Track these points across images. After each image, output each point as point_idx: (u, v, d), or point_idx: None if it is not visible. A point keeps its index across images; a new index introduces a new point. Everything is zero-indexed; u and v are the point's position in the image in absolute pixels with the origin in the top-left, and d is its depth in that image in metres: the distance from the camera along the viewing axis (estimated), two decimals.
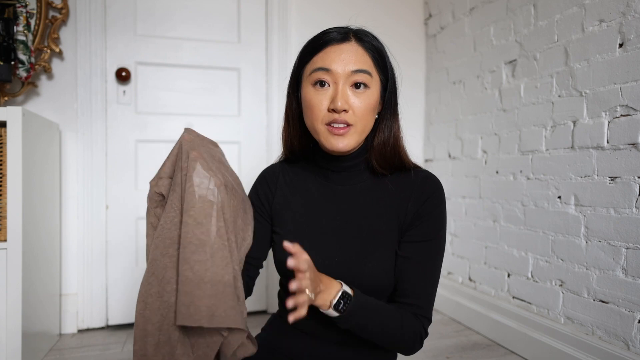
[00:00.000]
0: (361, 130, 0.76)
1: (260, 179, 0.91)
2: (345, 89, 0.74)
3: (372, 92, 0.76)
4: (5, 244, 1.30)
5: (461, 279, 1.93)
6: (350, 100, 0.74)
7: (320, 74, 0.75)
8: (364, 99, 0.75)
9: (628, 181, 1.18)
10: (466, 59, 1.91)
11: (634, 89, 1.17)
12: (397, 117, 0.82)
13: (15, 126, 1.30)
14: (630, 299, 1.17)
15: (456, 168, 1.97)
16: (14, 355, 1.30)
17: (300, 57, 0.81)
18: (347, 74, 0.74)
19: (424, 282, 0.77)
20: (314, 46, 0.78)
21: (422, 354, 1.51)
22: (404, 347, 0.77)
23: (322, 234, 0.80)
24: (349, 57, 0.74)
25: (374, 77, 0.77)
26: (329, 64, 0.74)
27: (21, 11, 1.51)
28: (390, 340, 0.74)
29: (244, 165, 1.97)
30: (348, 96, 0.74)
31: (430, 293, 0.78)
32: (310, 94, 0.76)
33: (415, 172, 0.82)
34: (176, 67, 1.88)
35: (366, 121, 0.76)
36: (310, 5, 2.03)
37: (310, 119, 0.77)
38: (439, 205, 0.79)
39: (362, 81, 0.74)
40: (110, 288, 1.80)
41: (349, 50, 0.75)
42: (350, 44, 0.76)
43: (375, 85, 0.77)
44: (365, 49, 0.76)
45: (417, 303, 0.76)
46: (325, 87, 0.75)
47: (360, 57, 0.75)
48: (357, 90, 0.75)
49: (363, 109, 0.75)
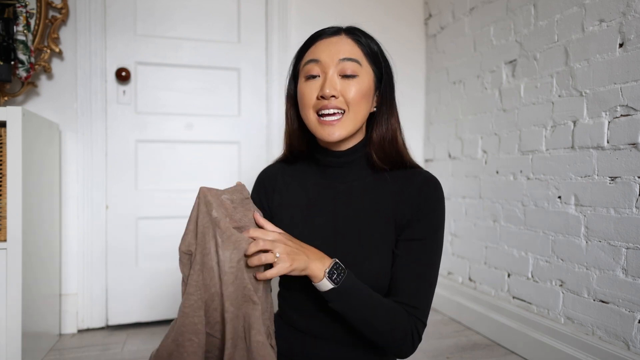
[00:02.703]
0: (354, 118, 0.77)
1: (258, 182, 0.92)
2: (333, 76, 0.76)
3: (362, 80, 0.77)
4: (5, 244, 1.30)
5: (461, 279, 1.93)
6: (339, 86, 0.76)
7: (310, 65, 0.77)
8: (354, 85, 0.76)
9: (628, 181, 1.18)
10: (466, 59, 1.91)
11: (634, 89, 1.17)
12: (394, 111, 0.83)
13: (15, 126, 1.30)
14: (630, 299, 1.17)
15: (456, 168, 1.97)
16: (14, 355, 1.30)
17: (295, 56, 0.84)
18: (335, 63, 0.76)
19: (417, 282, 0.75)
20: (306, 43, 0.81)
21: (422, 354, 1.51)
22: (392, 342, 0.74)
23: (320, 232, 0.81)
24: (337, 47, 0.77)
25: (364, 67, 0.78)
26: (318, 55, 0.77)
27: (21, 11, 1.51)
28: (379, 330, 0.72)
29: (244, 165, 1.97)
30: (336, 83, 0.76)
31: (425, 294, 0.76)
32: (302, 87, 0.79)
33: (416, 172, 0.82)
34: (176, 67, 1.88)
35: (358, 108, 0.77)
36: (310, 5, 2.03)
37: (303, 109, 0.79)
38: (437, 206, 0.78)
39: (351, 69, 0.76)
40: (110, 288, 1.80)
41: (337, 41, 0.77)
42: (339, 37, 0.78)
43: (365, 75, 0.78)
44: (354, 40, 0.79)
45: (411, 302, 0.75)
46: (316, 78, 0.77)
47: (349, 48, 0.77)
48: (346, 78, 0.76)
49: (353, 95, 0.76)
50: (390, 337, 0.73)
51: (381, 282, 0.77)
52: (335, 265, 0.71)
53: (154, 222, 1.85)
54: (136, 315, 1.83)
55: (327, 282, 0.70)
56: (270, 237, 0.70)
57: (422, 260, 0.76)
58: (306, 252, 0.70)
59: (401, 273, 0.76)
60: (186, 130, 1.89)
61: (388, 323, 0.72)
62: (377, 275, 0.76)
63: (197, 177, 1.91)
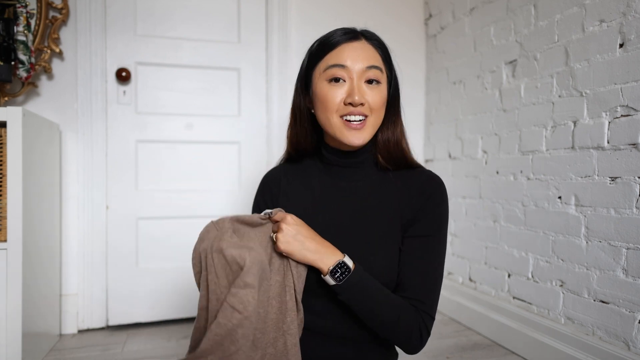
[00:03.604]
0: (375, 124, 0.80)
1: (263, 185, 0.93)
2: (360, 84, 0.78)
3: (383, 87, 0.80)
4: (6, 244, 1.30)
5: (461, 279, 1.93)
6: (366, 94, 0.78)
7: (335, 70, 0.78)
8: (377, 93, 0.79)
9: (628, 181, 1.18)
10: (466, 59, 1.91)
11: (634, 89, 1.17)
12: (399, 114, 0.86)
13: (15, 126, 1.30)
14: (630, 299, 1.17)
15: (456, 168, 1.97)
16: (14, 356, 1.30)
17: (310, 56, 0.84)
18: (362, 70, 0.77)
19: (424, 277, 0.77)
20: (326, 45, 0.81)
21: (423, 354, 1.51)
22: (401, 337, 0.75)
23: (326, 230, 0.82)
24: (362, 54, 0.78)
25: (384, 73, 0.81)
26: (344, 61, 0.78)
27: (21, 11, 1.51)
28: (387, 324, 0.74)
29: (244, 165, 1.97)
30: (364, 91, 0.78)
31: (431, 289, 0.78)
32: (325, 89, 0.79)
33: (419, 171, 0.84)
34: (176, 67, 1.88)
35: (379, 113, 0.80)
36: (310, 5, 2.03)
37: (325, 112, 0.80)
38: (441, 204, 0.80)
39: (375, 77, 0.79)
40: (111, 288, 1.80)
41: (361, 47, 0.79)
42: (361, 42, 0.80)
43: (384, 80, 0.81)
44: (374, 46, 0.81)
45: (418, 297, 0.76)
46: (340, 82, 0.78)
47: (372, 54, 0.79)
48: (370, 85, 0.78)
49: (377, 103, 0.79)
50: (398, 331, 0.75)
51: (387, 277, 0.78)
52: (340, 263, 0.73)
53: (154, 222, 1.85)
54: (136, 316, 1.83)
55: (329, 279, 0.74)
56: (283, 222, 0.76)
57: (427, 256, 0.78)
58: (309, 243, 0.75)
59: (407, 269, 0.78)
60: (186, 130, 1.89)
61: (395, 317, 0.74)
62: (383, 271, 0.77)
63: (197, 177, 1.91)
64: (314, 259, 0.74)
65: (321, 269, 0.74)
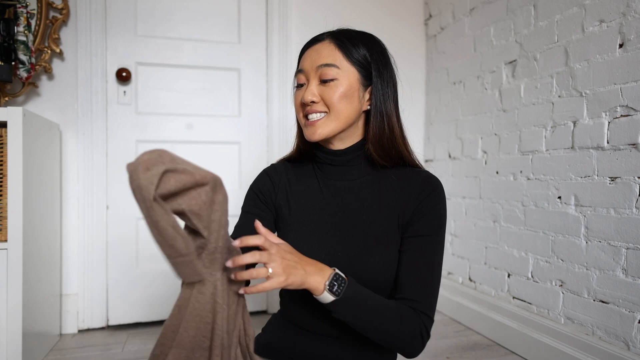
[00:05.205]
0: (336, 118, 0.80)
1: (262, 175, 0.93)
2: (313, 83, 0.81)
3: (341, 82, 0.80)
4: (6, 244, 1.30)
5: (461, 279, 1.93)
6: (317, 91, 0.80)
7: (298, 75, 0.84)
8: (332, 88, 0.79)
9: (628, 181, 1.18)
10: (466, 60, 1.91)
11: (634, 89, 1.17)
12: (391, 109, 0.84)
13: (15, 126, 1.31)
14: (630, 299, 1.17)
15: (456, 168, 1.97)
16: (15, 356, 1.30)
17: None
18: (314, 70, 0.80)
19: (422, 277, 0.76)
20: (300, 52, 0.86)
21: (422, 354, 1.50)
22: (403, 345, 0.74)
23: (324, 229, 0.81)
24: (316, 54, 0.81)
25: (344, 69, 0.80)
26: (302, 65, 0.83)
27: (22, 11, 1.52)
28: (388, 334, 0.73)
29: (244, 166, 1.97)
30: (314, 89, 0.80)
31: (430, 289, 0.77)
32: (294, 94, 0.86)
33: (417, 170, 0.84)
34: (176, 67, 1.88)
35: (340, 107, 0.80)
36: (310, 6, 2.03)
37: (296, 115, 0.86)
38: (439, 203, 0.80)
39: (327, 75, 0.79)
40: (111, 288, 1.80)
41: (318, 48, 0.81)
42: (321, 43, 0.82)
43: (345, 77, 0.80)
44: (336, 45, 0.81)
45: (416, 298, 0.75)
46: (302, 86, 0.83)
47: (328, 53, 0.80)
48: (325, 82, 0.80)
49: (332, 98, 0.79)
50: (400, 340, 0.73)
51: (385, 276, 0.78)
52: (335, 276, 0.69)
53: None
54: (137, 316, 1.83)
55: (328, 294, 0.68)
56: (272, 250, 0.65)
57: (425, 256, 0.78)
58: (304, 266, 0.67)
59: (405, 269, 0.77)
60: (187, 130, 1.89)
61: (396, 326, 0.72)
62: (381, 270, 0.77)
63: None
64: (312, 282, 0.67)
65: (316, 288, 0.68)
